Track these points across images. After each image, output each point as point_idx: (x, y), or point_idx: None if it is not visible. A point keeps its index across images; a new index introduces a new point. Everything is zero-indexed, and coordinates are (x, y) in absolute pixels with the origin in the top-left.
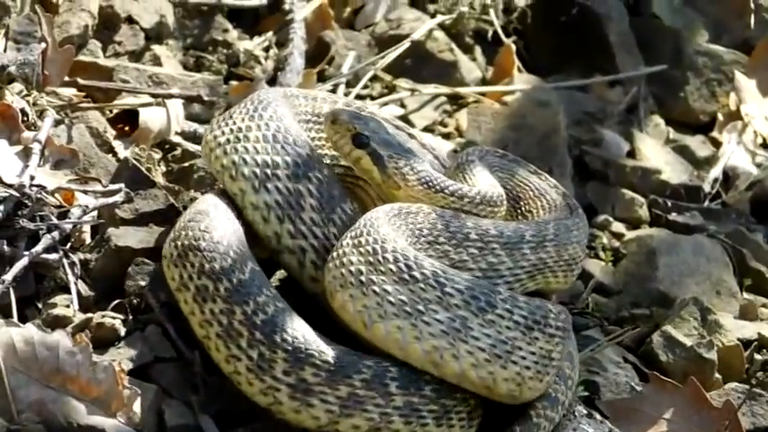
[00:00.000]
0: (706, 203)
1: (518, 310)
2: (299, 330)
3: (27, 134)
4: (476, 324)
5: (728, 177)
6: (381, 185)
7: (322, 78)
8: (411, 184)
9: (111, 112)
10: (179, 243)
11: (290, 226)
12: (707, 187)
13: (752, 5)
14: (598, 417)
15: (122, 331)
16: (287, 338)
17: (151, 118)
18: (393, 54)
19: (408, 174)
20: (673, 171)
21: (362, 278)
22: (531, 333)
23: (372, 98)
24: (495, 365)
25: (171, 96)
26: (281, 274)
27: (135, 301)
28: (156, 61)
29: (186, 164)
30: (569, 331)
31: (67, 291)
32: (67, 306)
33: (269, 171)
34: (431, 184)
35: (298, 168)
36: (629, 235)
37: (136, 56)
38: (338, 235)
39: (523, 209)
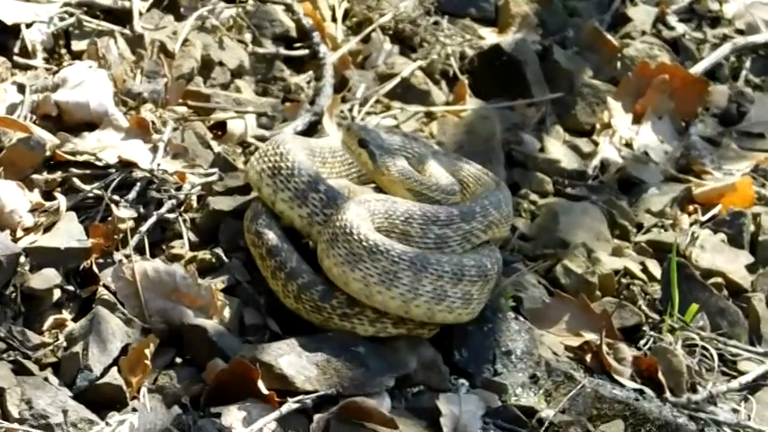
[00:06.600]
0: (589, 182)
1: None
2: None
3: (155, 136)
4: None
5: (604, 165)
6: (373, 173)
7: (344, 100)
8: (392, 174)
9: (209, 122)
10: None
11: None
12: (590, 171)
13: (618, 55)
14: (521, 319)
15: (217, 264)
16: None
17: (235, 126)
18: (389, 86)
19: (391, 167)
20: (568, 161)
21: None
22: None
23: (375, 114)
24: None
25: (247, 112)
26: None
27: (225, 246)
28: (238, 90)
29: None
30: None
31: (181, 237)
32: (182, 248)
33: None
34: (405, 175)
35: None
36: (541, 202)
37: (225, 86)
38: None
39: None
